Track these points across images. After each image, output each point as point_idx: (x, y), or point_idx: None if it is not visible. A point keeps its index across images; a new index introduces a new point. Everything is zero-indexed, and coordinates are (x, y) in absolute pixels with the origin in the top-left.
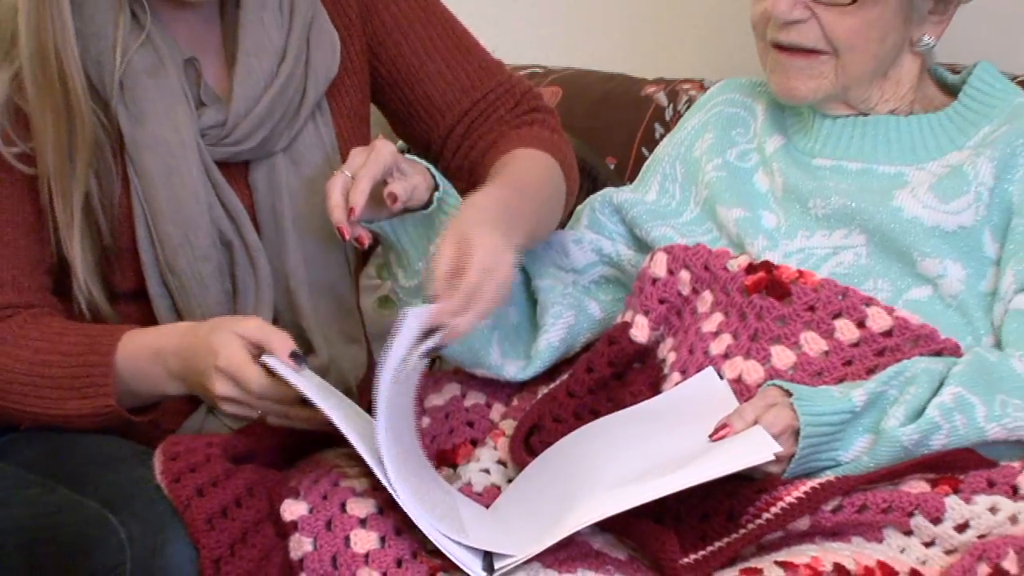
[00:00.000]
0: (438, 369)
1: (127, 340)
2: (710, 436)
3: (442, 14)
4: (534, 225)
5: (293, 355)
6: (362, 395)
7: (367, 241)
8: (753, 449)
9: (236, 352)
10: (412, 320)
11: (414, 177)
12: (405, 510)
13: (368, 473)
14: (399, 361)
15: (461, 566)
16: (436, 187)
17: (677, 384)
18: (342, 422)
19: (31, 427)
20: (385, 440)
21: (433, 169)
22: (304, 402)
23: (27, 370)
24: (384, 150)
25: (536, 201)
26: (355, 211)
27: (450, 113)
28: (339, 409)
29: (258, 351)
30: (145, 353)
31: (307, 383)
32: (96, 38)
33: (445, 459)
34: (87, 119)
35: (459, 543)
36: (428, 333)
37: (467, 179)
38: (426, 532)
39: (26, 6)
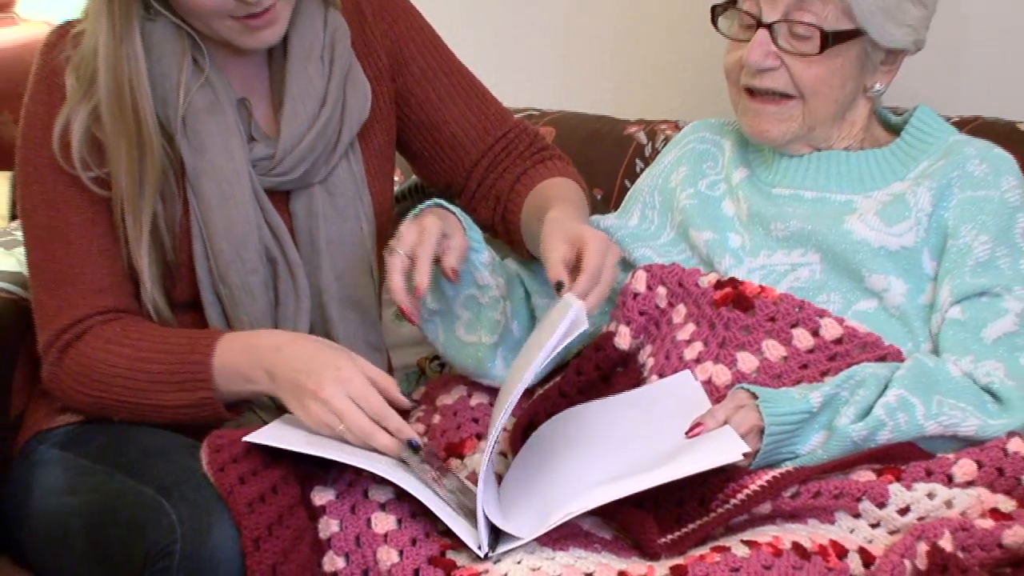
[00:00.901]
0: (447, 373)
1: (224, 340)
2: (686, 433)
3: (460, 66)
4: None
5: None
6: None
7: (418, 321)
8: (724, 449)
9: (359, 376)
10: (574, 311)
11: (456, 238)
12: (420, 499)
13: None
14: (555, 347)
15: (468, 543)
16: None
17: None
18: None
19: (123, 419)
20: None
21: (459, 212)
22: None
23: (129, 365)
24: (433, 228)
25: (584, 214)
26: (420, 291)
27: (475, 149)
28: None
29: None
30: (239, 347)
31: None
32: (163, 79)
33: (454, 450)
34: (156, 148)
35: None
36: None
37: (493, 206)
38: (438, 513)
39: (105, 50)
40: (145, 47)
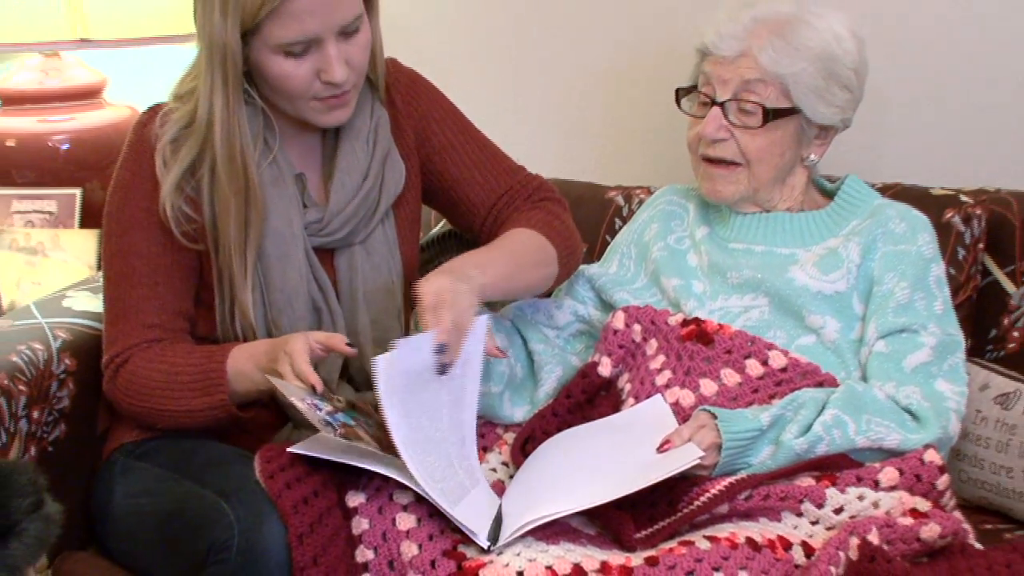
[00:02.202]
0: None
1: (234, 352)
2: (657, 449)
3: (474, 133)
4: (510, 268)
5: (349, 344)
6: None
7: None
8: (685, 456)
9: (299, 343)
10: (694, 462)
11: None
12: (408, 483)
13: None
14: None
15: (471, 536)
16: None
17: (632, 406)
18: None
19: (165, 425)
20: (398, 428)
21: None
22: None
23: (165, 379)
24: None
25: (507, 253)
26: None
27: (483, 207)
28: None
29: (323, 348)
30: (244, 356)
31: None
32: None
33: None
34: (261, 200)
35: (464, 519)
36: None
37: None
38: (447, 513)
39: (222, 120)
40: None
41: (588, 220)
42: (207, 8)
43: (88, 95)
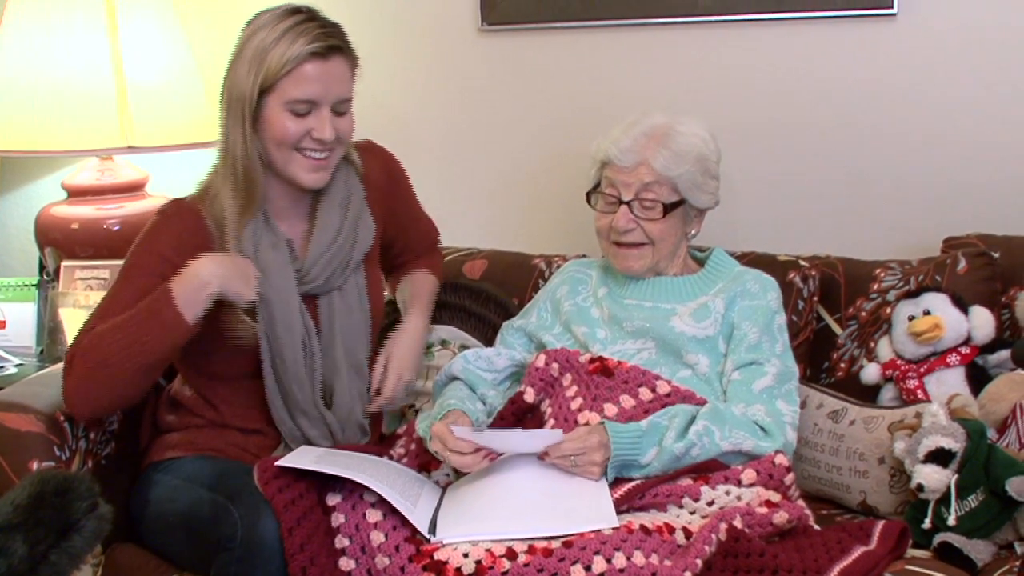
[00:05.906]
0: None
1: (172, 280)
2: (539, 456)
3: (420, 210)
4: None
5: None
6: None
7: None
8: (603, 519)
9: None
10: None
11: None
12: (382, 494)
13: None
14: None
15: (415, 525)
16: None
17: (552, 427)
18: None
19: (123, 372)
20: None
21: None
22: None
23: (113, 327)
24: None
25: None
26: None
27: (398, 259)
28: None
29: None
30: (182, 275)
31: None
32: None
33: (425, 468)
34: (257, 200)
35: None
36: None
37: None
38: (396, 505)
39: (240, 150)
40: None
41: (518, 280)
42: (238, 65)
43: (134, 189)
